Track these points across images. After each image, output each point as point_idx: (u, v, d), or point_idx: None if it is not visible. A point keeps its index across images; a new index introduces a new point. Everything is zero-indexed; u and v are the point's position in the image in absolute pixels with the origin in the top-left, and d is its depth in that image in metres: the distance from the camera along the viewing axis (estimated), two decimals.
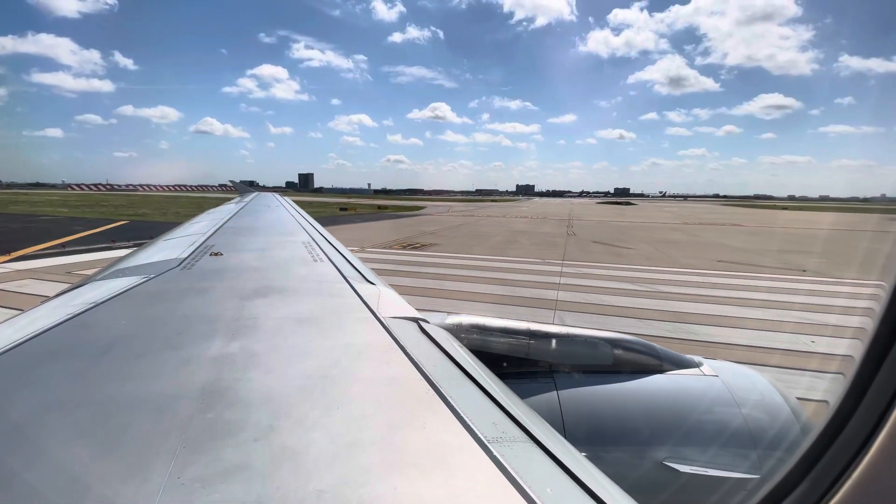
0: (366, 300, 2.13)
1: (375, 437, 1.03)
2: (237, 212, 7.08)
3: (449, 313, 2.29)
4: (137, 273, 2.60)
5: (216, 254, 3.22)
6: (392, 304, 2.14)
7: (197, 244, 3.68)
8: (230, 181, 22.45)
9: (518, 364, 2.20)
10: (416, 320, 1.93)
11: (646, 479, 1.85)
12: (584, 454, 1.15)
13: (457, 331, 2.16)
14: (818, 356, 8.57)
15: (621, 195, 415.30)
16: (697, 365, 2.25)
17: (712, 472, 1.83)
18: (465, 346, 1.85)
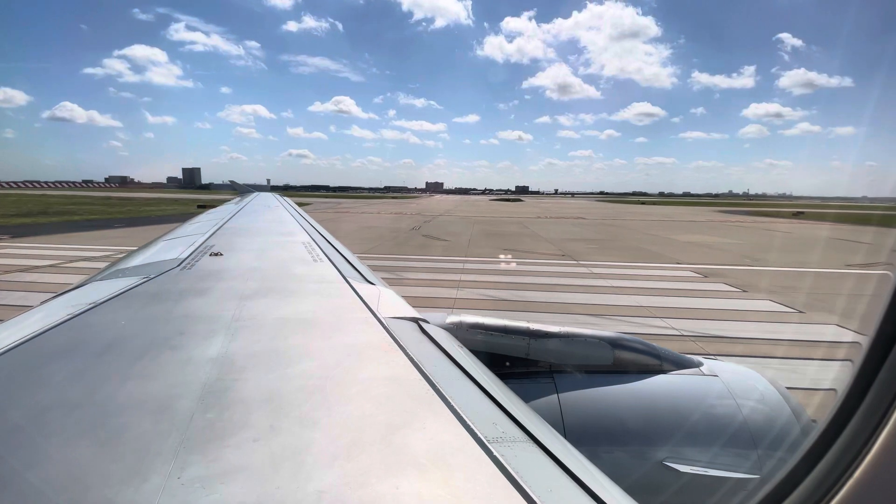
0: (365, 300, 2.15)
1: (375, 438, 1.03)
2: (237, 212, 6.99)
3: (449, 313, 2.31)
4: (137, 273, 2.57)
5: (216, 254, 3.21)
6: (392, 304, 2.16)
7: (197, 244, 3.63)
8: (230, 181, 20.04)
9: (518, 364, 2.22)
10: (415, 320, 1.95)
11: (646, 480, 1.85)
12: (584, 454, 1.16)
13: (456, 330, 2.16)
14: None
15: (521, 193, 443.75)
16: (698, 365, 2.27)
17: (713, 473, 1.83)
18: (465, 345, 1.87)
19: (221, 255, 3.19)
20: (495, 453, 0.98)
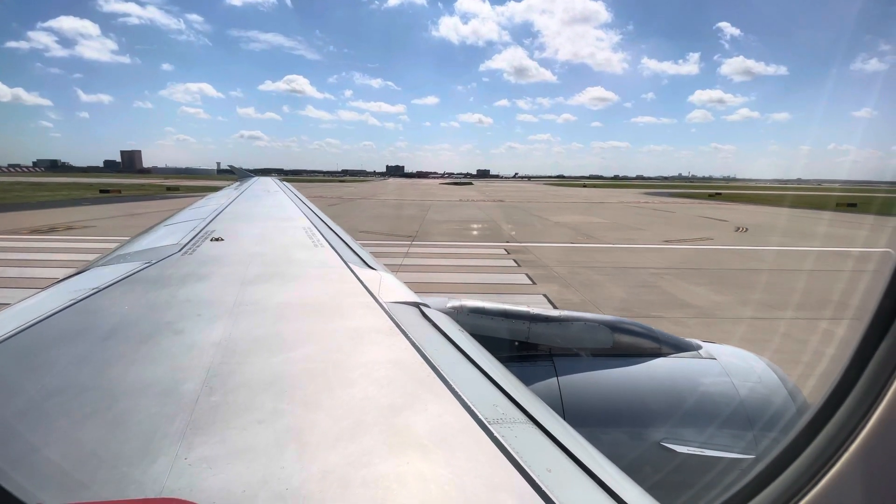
0: (367, 285, 2.14)
1: (378, 419, 1.04)
2: (237, 197, 6.93)
3: (450, 297, 2.29)
4: (139, 259, 2.55)
5: (217, 239, 3.18)
6: (393, 288, 2.15)
7: (198, 229, 3.60)
8: (229, 166, 19.13)
9: (518, 347, 2.24)
10: (416, 305, 1.95)
11: (644, 460, 1.88)
12: (583, 436, 1.16)
13: (457, 315, 2.16)
14: None
15: (482, 176, 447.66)
16: (696, 348, 2.28)
17: (709, 453, 1.86)
18: (466, 330, 1.86)
19: (222, 240, 3.21)
20: (496, 434, 1.00)
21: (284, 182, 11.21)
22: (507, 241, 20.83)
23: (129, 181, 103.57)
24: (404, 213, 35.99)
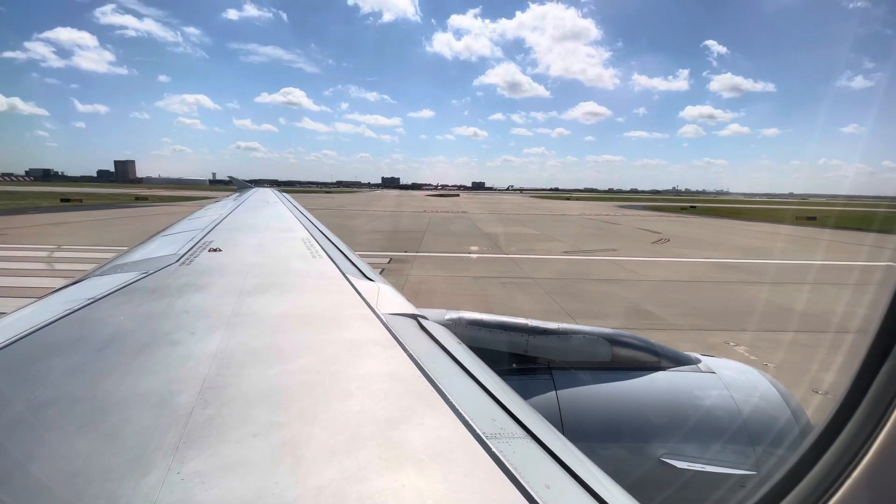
0: (364, 296, 2.16)
1: (374, 433, 1.04)
2: (236, 207, 6.97)
3: (448, 310, 2.31)
4: (136, 269, 2.54)
5: (215, 249, 3.20)
6: (391, 300, 2.18)
7: (196, 240, 3.62)
8: (229, 177, 20.03)
9: (516, 360, 2.25)
10: (414, 317, 1.97)
11: (643, 476, 1.88)
12: (581, 450, 1.16)
13: (455, 327, 2.18)
14: None
15: (477, 188, 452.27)
16: (695, 362, 2.30)
17: (710, 469, 1.86)
18: (464, 342, 1.87)
19: (220, 250, 3.20)
20: (493, 449, 1.00)
21: (283, 193, 11.35)
22: (403, 251, 21.20)
23: (115, 191, 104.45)
24: (350, 223, 36.40)
